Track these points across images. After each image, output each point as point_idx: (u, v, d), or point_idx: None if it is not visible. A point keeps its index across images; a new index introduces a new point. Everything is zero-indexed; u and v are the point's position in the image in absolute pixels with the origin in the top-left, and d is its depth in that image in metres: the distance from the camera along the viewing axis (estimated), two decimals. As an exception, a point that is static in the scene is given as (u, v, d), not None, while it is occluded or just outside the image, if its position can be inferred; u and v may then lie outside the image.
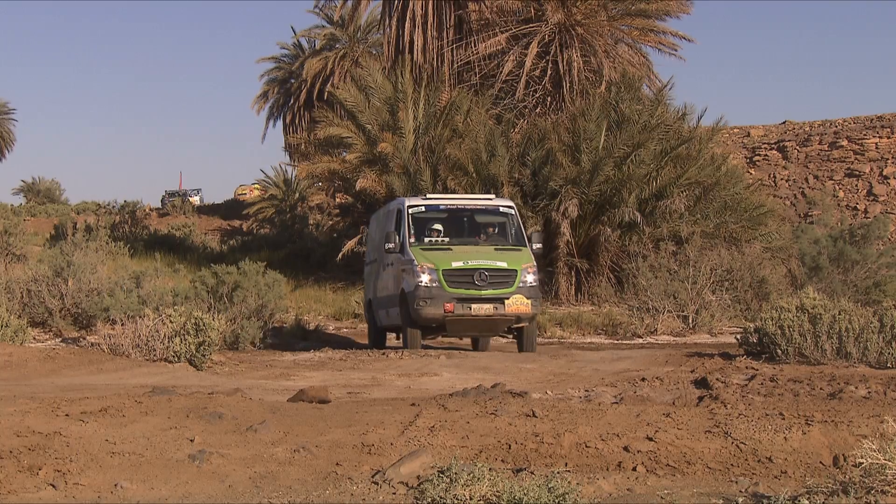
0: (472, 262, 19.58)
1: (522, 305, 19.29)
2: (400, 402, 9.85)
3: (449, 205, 21.63)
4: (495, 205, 21.64)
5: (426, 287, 19.43)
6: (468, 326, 19.85)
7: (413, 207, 21.11)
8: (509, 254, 19.95)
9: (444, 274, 19.34)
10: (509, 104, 34.34)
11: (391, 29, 37.54)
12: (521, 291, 19.34)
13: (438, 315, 19.33)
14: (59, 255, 20.79)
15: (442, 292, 19.31)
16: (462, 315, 19.34)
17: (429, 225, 21.00)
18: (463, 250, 20.08)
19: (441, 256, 19.75)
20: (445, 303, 19.23)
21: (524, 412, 8.57)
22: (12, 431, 7.61)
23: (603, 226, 29.12)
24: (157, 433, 7.88)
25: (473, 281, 19.33)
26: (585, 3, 34.58)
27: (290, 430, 8.16)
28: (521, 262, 19.70)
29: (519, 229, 20.75)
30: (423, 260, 19.66)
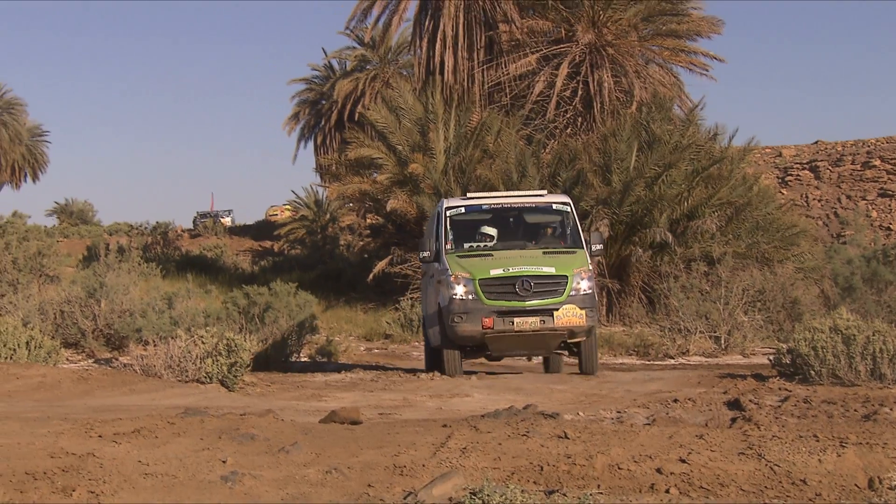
0: (513, 268, 17.41)
1: (575, 317, 17.18)
2: (431, 424, 9.83)
3: (493, 204, 19.31)
4: (547, 201, 19.29)
5: (461, 300, 17.37)
6: (512, 344, 17.70)
7: (451, 209, 18.92)
8: (560, 257, 17.80)
9: (482, 284, 17.27)
10: (540, 125, 34.34)
11: (422, 50, 37.63)
12: (573, 301, 17.23)
13: (476, 332, 17.26)
14: (92, 276, 20.91)
15: (479, 305, 17.27)
16: (503, 331, 17.25)
17: (478, 228, 18.93)
18: (505, 256, 17.95)
19: (478, 264, 17.69)
20: (483, 317, 17.18)
21: (556, 434, 8.54)
22: (46, 453, 7.64)
23: (634, 246, 29.06)
24: (190, 454, 7.89)
25: (515, 291, 17.20)
26: (616, 23, 34.58)
27: (322, 451, 8.15)
28: (574, 266, 17.54)
29: (575, 228, 18.53)
30: (458, 269, 17.59)
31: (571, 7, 34.65)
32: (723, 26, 36.32)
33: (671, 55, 36.23)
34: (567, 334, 17.38)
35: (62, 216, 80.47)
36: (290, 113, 68.36)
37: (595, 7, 34.43)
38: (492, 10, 36.33)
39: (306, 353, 20.83)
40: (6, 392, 13.06)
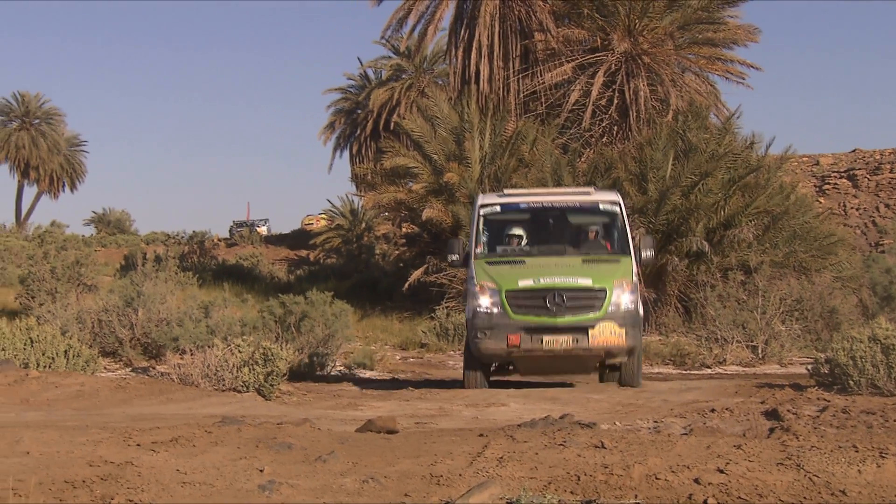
0: (545, 279, 15.72)
1: (614, 336, 15.54)
2: (468, 433, 9.83)
3: (532, 202, 17.69)
4: (593, 200, 17.43)
5: (486, 313, 15.80)
6: (542, 365, 16.19)
7: (486, 207, 17.36)
8: (601, 267, 16.12)
9: (508, 296, 15.72)
10: (575, 133, 34.31)
11: (457, 59, 37.68)
12: (612, 317, 15.58)
13: (501, 350, 15.79)
14: (130, 285, 21.02)
15: (505, 320, 15.67)
16: (531, 350, 15.64)
17: (507, 230, 17.37)
18: (539, 263, 16.32)
19: (507, 273, 16.10)
20: (509, 334, 15.61)
21: (593, 443, 8.52)
22: (85, 461, 7.68)
23: (670, 255, 28.94)
24: (227, 463, 7.92)
25: (546, 305, 15.55)
26: (652, 32, 34.52)
27: (358, 460, 8.17)
28: (615, 276, 15.87)
29: (624, 232, 16.81)
30: (485, 277, 16.06)
31: (607, 16, 34.61)
32: (759, 34, 36.25)
33: (707, 63, 36.12)
34: (604, 355, 15.87)
35: (100, 225, 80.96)
36: (326, 122, 68.67)
37: (631, 16, 34.37)
38: (527, 20, 36.34)
39: (342, 362, 20.86)
40: (45, 401, 13.15)
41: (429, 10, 37.68)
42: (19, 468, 7.42)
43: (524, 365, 16.40)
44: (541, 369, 16.66)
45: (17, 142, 78.08)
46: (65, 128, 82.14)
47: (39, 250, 28.82)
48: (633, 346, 15.95)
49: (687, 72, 36.14)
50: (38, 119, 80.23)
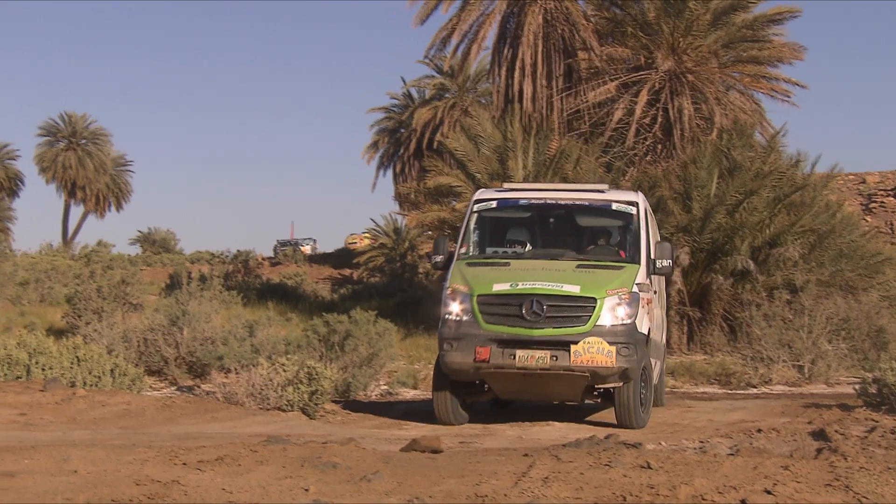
0: (524, 283, 13.61)
1: (601, 354, 13.27)
2: (512, 453, 9.82)
3: (535, 199, 15.52)
4: (606, 199, 15.32)
5: (454, 321, 13.81)
6: (517, 384, 13.83)
7: (481, 202, 15.42)
8: (596, 274, 14.02)
9: (480, 301, 13.68)
10: (619, 152, 34.20)
11: (500, 78, 37.67)
12: (600, 332, 13.36)
13: (467, 365, 13.58)
14: (175, 304, 21.14)
15: (475, 329, 13.59)
16: (502, 366, 13.42)
17: (508, 231, 15.61)
18: (525, 266, 14.28)
19: (484, 275, 14.08)
20: (478, 346, 13.44)
21: (639, 464, 8.49)
22: (132, 480, 7.72)
23: (715, 274, 28.80)
24: (273, 482, 7.94)
25: (522, 314, 13.44)
26: (696, 50, 34.40)
27: (403, 480, 8.17)
28: (609, 285, 13.72)
29: (637, 238, 14.83)
30: (458, 280, 14.08)
31: (651, 34, 34.53)
32: (805, 52, 36.03)
33: (752, 81, 35.94)
34: (588, 376, 13.51)
35: (145, 245, 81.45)
36: (370, 142, 68.79)
37: (675, 34, 34.27)
38: (570, 39, 36.31)
39: (385, 381, 20.87)
40: (92, 419, 13.23)
41: (472, 30, 37.69)
42: (67, 487, 7.47)
43: (498, 384, 14.03)
44: (518, 390, 14.29)
45: (64, 162, 78.72)
46: (111, 148, 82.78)
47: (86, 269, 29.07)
48: (626, 369, 13.51)
49: (731, 90, 35.96)
50: (85, 139, 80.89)
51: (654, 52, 34.64)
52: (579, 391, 13.97)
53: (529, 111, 35.97)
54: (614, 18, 35.96)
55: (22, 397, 13.78)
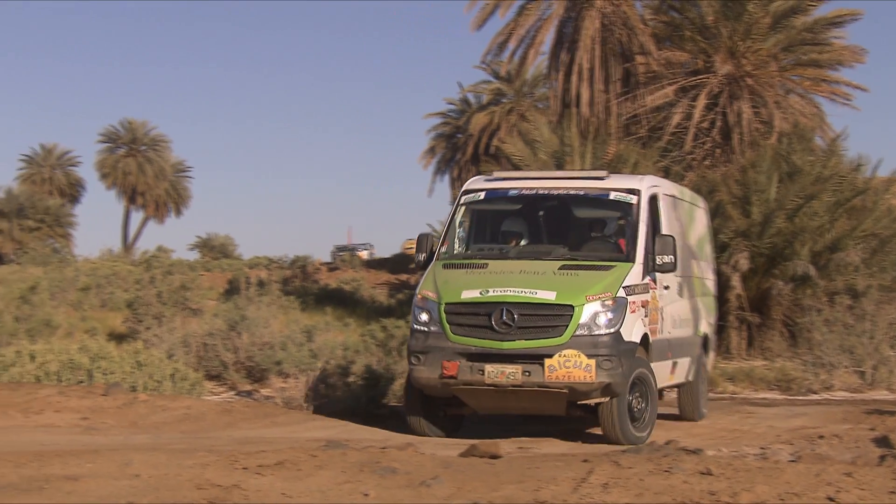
0: (496, 289, 12.38)
1: (578, 369, 12.03)
2: (571, 458, 9.78)
3: (526, 189, 14.08)
4: (604, 188, 13.75)
5: (422, 332, 12.72)
6: (492, 401, 12.68)
7: (468, 193, 14.10)
8: (580, 276, 12.68)
9: (448, 310, 12.53)
10: (677, 156, 33.98)
11: (558, 83, 37.59)
12: (579, 344, 12.11)
13: (434, 381, 12.49)
14: (234, 309, 21.27)
15: (442, 342, 12.47)
16: (470, 383, 12.29)
17: (501, 225, 14.27)
18: (504, 268, 12.99)
19: (456, 279, 12.88)
20: (445, 361, 12.30)
21: (699, 470, 8.43)
22: (193, 484, 7.77)
23: (775, 279, 28.55)
24: (332, 487, 7.96)
25: (492, 325, 12.27)
26: (755, 54, 34.17)
27: (462, 485, 8.16)
28: (591, 290, 12.42)
29: (635, 231, 13.28)
30: (429, 286, 12.96)
31: (709, 38, 34.33)
32: (866, 55, 35.68)
33: (812, 85, 35.65)
34: (566, 393, 12.27)
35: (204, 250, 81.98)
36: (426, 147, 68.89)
37: (734, 38, 34.05)
38: (628, 43, 36.17)
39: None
40: (153, 424, 13.34)
41: (529, 35, 37.64)
42: (130, 490, 7.54)
43: (471, 401, 12.87)
44: (495, 406, 13.10)
45: (125, 168, 79.41)
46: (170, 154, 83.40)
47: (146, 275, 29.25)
48: (608, 384, 12.23)
49: (791, 93, 35.68)
50: (145, 146, 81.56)
51: (713, 56, 34.44)
52: (561, 407, 12.67)
53: (587, 116, 35.88)
54: (672, 22, 35.79)
55: (84, 402, 13.92)
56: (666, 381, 14.39)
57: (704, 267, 16.58)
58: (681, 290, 14.67)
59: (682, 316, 14.78)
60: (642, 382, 12.98)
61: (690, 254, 15.56)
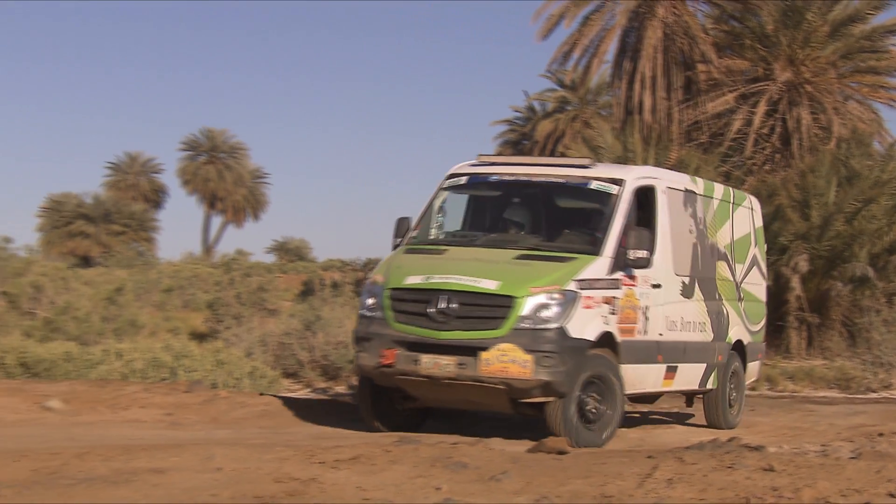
0: (439, 276, 11.45)
1: (514, 364, 11.01)
2: (636, 454, 9.73)
3: (508, 174, 13.03)
4: (584, 177, 12.59)
5: (366, 318, 11.86)
6: (434, 393, 11.66)
7: (451, 178, 13.18)
8: (532, 266, 11.61)
9: (392, 296, 11.62)
10: (738, 161, 33.80)
11: (621, 91, 37.49)
12: (518, 338, 11.09)
13: (371, 368, 11.64)
14: (309, 309, 21.38)
15: (384, 329, 11.58)
16: (406, 373, 11.38)
17: (488, 210, 13.37)
18: (458, 255, 12.10)
19: (408, 265, 11.96)
20: (383, 349, 11.42)
21: (761, 466, 8.35)
22: (272, 478, 7.81)
23: (834, 280, 28.29)
24: (405, 481, 7.97)
25: (429, 312, 11.36)
26: (814, 61, 33.89)
27: (531, 480, 8.14)
28: (537, 281, 11.35)
29: (608, 223, 12.09)
30: (381, 270, 12.14)
31: (769, 46, 34.11)
32: (924, 62, 35.25)
33: (870, 91, 35.28)
34: (504, 389, 11.22)
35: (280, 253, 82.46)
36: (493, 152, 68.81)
37: (793, 46, 33.81)
38: (689, 52, 35.98)
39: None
40: (233, 419, 13.44)
41: (593, 44, 37.56)
42: (212, 483, 7.59)
43: (414, 391, 11.88)
44: (438, 399, 11.97)
45: (205, 175, 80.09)
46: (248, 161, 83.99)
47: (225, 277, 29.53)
48: (547, 382, 11.13)
49: (849, 100, 35.34)
50: (224, 153, 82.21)
51: (773, 64, 34.21)
52: (504, 403, 11.62)
53: (649, 122, 35.75)
54: (733, 31, 35.65)
55: (168, 398, 14.05)
56: (655, 386, 13.13)
57: (742, 269, 15.19)
58: (688, 292, 13.48)
59: (689, 319, 13.55)
60: (602, 383, 11.77)
61: (712, 254, 14.27)
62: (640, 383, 12.61)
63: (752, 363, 15.41)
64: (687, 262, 13.44)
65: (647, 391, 13.19)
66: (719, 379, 14.25)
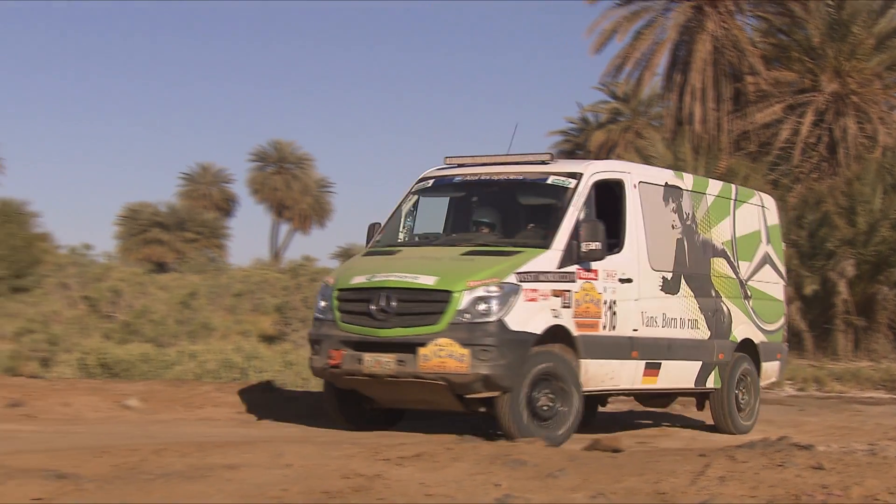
0: (382, 275, 11.06)
1: (452, 359, 10.48)
2: (689, 453, 9.68)
3: (471, 174, 12.45)
4: (542, 173, 11.99)
5: (318, 320, 11.58)
6: (383, 392, 11.22)
7: (420, 182, 12.71)
8: (475, 262, 11.12)
9: (339, 297, 11.28)
10: (785, 170, 33.59)
11: (671, 102, 37.45)
12: (455, 333, 10.57)
13: (321, 369, 11.34)
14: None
15: (332, 330, 11.28)
16: (352, 373, 10.97)
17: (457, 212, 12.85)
18: (408, 254, 11.72)
19: (359, 266, 11.68)
20: (331, 349, 11.05)
21: (811, 464, 8.27)
22: (339, 474, 7.84)
23: (880, 285, 28.02)
24: (466, 478, 7.97)
25: (369, 311, 10.98)
26: (860, 73, 33.62)
27: (587, 477, 8.11)
28: (476, 275, 10.79)
29: (559, 217, 11.47)
30: (335, 272, 12.13)
31: (816, 58, 33.92)
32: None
33: (915, 101, 34.97)
34: (445, 385, 10.67)
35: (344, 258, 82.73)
36: (549, 163, 68.69)
37: (839, 58, 33.56)
38: (738, 64, 35.81)
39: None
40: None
41: (645, 57, 37.49)
42: (282, 479, 7.63)
43: (366, 391, 11.41)
44: (390, 399, 11.46)
45: (273, 184, 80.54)
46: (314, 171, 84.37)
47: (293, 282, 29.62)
48: (486, 376, 10.54)
49: (894, 109, 35.02)
50: (292, 164, 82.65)
51: (819, 76, 33.99)
52: (450, 401, 11.01)
53: (699, 132, 35.60)
54: (780, 44, 35.52)
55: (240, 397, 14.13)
56: (633, 383, 12.31)
57: (749, 267, 14.19)
58: (670, 287, 12.66)
59: (675, 315, 12.73)
60: (555, 378, 11.10)
61: (705, 250, 13.38)
62: (611, 380, 11.93)
63: (768, 363, 14.38)
64: (669, 257, 12.71)
65: (623, 388, 12.44)
66: (723, 379, 13.43)
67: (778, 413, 16.25)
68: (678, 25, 36.63)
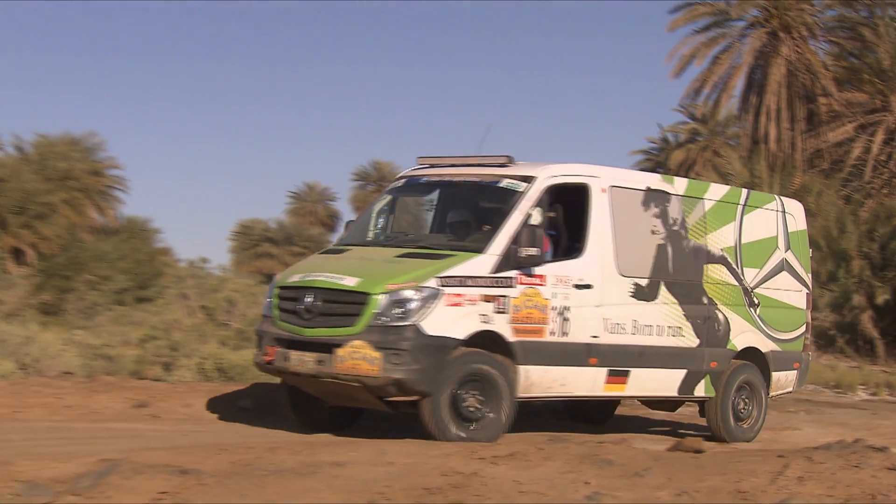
0: (313, 274, 10.63)
1: (364, 361, 9.94)
2: (767, 454, 9.53)
3: (437, 175, 11.90)
4: (496, 175, 11.30)
5: (264, 316, 11.23)
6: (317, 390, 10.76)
7: (395, 181, 12.36)
8: (403, 264, 10.53)
9: (278, 295, 10.84)
10: (857, 186, 33.15)
11: (748, 122, 37.26)
12: (370, 335, 10.02)
13: (259, 365, 11.01)
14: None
15: (270, 327, 10.86)
16: (281, 370, 10.63)
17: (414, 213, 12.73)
18: (351, 254, 11.17)
19: (302, 265, 11.44)
20: (268, 346, 10.69)
21: (886, 465, 8.12)
22: (438, 472, 7.85)
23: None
24: (557, 476, 7.93)
25: (297, 309, 10.53)
26: (928, 93, 33.13)
27: (671, 476, 8.03)
28: (397, 278, 10.22)
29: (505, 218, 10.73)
30: (283, 271, 11.44)
31: (886, 80, 33.52)
32: None
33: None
34: (359, 387, 10.13)
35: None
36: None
37: (909, 80, 33.12)
38: (811, 86, 35.45)
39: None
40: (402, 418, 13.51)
41: (722, 81, 37.32)
42: (385, 476, 7.67)
43: (307, 389, 10.89)
44: (327, 397, 10.91)
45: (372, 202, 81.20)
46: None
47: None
48: (398, 380, 9.99)
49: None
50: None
51: (889, 96, 33.56)
52: (372, 400, 10.45)
53: (774, 151, 35.29)
54: (852, 67, 35.19)
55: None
56: (593, 390, 11.54)
57: (757, 274, 12.99)
58: (644, 294, 11.76)
59: (649, 322, 11.80)
60: (485, 383, 10.46)
61: (696, 256, 12.35)
62: (562, 386, 11.16)
63: (780, 373, 13.20)
64: (646, 263, 11.80)
65: (579, 395, 11.61)
66: (717, 387, 12.40)
67: (852, 417, 15.98)
68: (754, 50, 36.38)
